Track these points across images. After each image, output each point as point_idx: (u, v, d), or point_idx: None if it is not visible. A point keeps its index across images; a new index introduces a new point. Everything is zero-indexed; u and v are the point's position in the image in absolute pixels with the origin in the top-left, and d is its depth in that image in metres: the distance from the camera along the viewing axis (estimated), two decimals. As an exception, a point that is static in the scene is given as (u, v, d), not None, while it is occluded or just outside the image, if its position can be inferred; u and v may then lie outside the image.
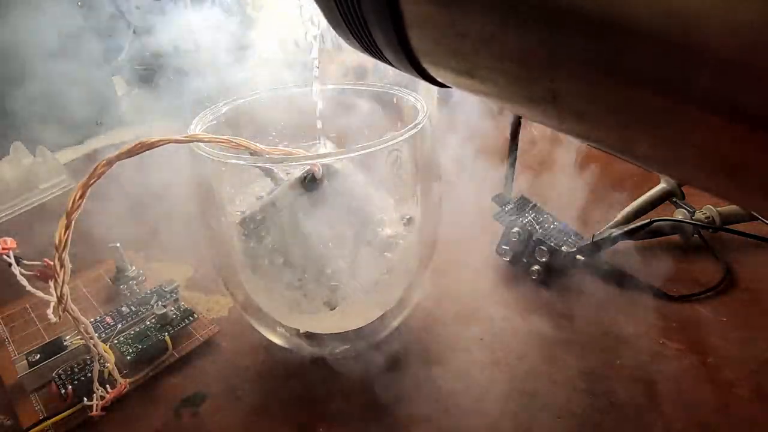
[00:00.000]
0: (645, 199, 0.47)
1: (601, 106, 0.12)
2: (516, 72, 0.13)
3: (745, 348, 0.34)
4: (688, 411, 0.30)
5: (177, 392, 0.34)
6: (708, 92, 0.09)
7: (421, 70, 0.19)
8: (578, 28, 0.11)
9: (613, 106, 0.11)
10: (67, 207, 0.25)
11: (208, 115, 0.33)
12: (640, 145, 0.12)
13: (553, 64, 0.12)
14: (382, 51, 0.19)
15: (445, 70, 0.17)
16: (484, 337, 0.37)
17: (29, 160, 0.61)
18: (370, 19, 0.17)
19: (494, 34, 0.13)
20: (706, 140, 0.10)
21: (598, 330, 0.37)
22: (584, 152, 0.63)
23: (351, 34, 0.19)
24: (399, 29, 0.16)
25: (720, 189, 0.12)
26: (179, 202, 0.49)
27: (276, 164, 0.29)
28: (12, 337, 0.39)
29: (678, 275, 0.42)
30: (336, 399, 0.32)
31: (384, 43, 0.18)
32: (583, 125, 0.13)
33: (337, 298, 0.31)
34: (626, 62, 0.10)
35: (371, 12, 0.17)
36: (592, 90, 0.11)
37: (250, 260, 0.31)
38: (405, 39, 0.17)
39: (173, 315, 0.38)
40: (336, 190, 0.29)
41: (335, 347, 0.36)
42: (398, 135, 0.28)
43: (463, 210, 0.51)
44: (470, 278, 0.44)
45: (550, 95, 0.13)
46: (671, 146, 0.11)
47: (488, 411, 0.31)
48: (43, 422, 0.31)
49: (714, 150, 0.10)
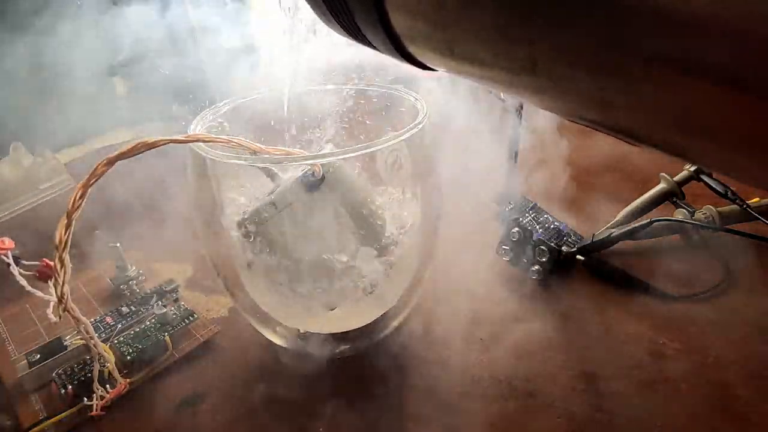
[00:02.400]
0: (645, 199, 0.47)
1: (579, 68, 0.12)
2: (495, 38, 0.13)
3: (745, 348, 0.34)
4: (688, 411, 0.30)
5: (177, 392, 0.34)
6: (687, 50, 0.09)
7: (402, 51, 0.18)
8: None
9: (591, 67, 0.11)
10: (67, 207, 0.25)
11: (208, 115, 0.33)
12: (619, 111, 0.12)
13: (531, 26, 0.12)
14: (363, 32, 0.19)
15: (426, 46, 0.17)
16: (484, 337, 0.37)
17: (29, 160, 0.61)
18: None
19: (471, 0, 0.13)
20: (686, 98, 0.10)
21: (598, 330, 0.37)
22: (584, 152, 0.63)
23: (331, 15, 0.19)
24: (379, 6, 0.16)
25: (698, 153, 0.12)
26: (179, 201, 0.49)
27: (276, 164, 0.29)
28: (12, 337, 0.39)
29: (678, 275, 0.41)
30: (336, 399, 0.32)
31: (364, 23, 0.18)
32: (563, 95, 0.13)
33: (337, 298, 0.31)
34: (603, 20, 0.10)
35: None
36: (570, 50, 0.11)
37: (249, 260, 0.31)
38: (385, 16, 0.17)
39: (173, 315, 0.38)
40: (336, 190, 0.29)
41: (335, 347, 0.36)
42: (398, 135, 0.28)
43: (463, 210, 0.51)
44: (470, 278, 0.44)
45: (529, 63, 0.13)
46: (649, 107, 0.11)
47: (488, 411, 0.31)
48: (43, 422, 0.31)
49: (692, 108, 0.10)
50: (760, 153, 0.10)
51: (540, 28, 0.12)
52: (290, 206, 0.29)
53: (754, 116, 0.09)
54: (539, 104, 0.16)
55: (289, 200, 0.28)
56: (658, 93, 0.10)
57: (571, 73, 0.12)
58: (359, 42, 0.21)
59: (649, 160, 0.57)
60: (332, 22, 0.20)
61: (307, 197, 0.28)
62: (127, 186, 0.52)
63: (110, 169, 0.25)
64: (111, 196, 0.50)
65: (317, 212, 0.29)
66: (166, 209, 0.50)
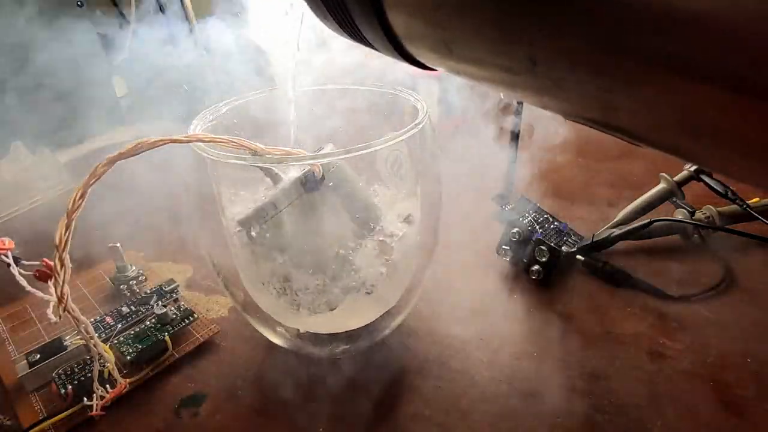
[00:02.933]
0: (645, 199, 0.47)
1: (579, 69, 0.12)
2: (493, 38, 0.13)
3: (745, 348, 0.34)
4: (688, 411, 0.30)
5: (177, 392, 0.34)
6: (687, 50, 0.09)
7: (401, 50, 0.18)
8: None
9: (591, 68, 0.11)
10: (67, 207, 0.25)
11: (208, 115, 0.33)
12: (619, 111, 0.12)
13: (531, 26, 0.12)
14: (361, 31, 0.19)
15: (424, 46, 0.17)
16: (484, 337, 0.37)
17: (29, 160, 0.61)
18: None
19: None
20: (686, 99, 0.10)
21: (598, 330, 0.37)
22: (584, 153, 0.63)
23: (330, 14, 0.19)
24: (377, 6, 0.16)
25: (698, 154, 0.12)
26: (179, 201, 0.49)
27: (276, 164, 0.29)
28: (12, 337, 0.39)
29: (678, 275, 0.42)
30: (336, 399, 0.32)
31: (363, 22, 0.18)
32: (563, 95, 0.13)
33: (337, 298, 0.31)
34: (603, 19, 0.10)
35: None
36: (570, 50, 0.11)
37: (249, 260, 0.31)
38: (383, 16, 0.17)
39: (173, 315, 0.38)
40: (336, 191, 0.29)
41: (335, 347, 0.36)
42: (398, 135, 0.28)
43: (463, 210, 0.51)
44: (470, 278, 0.44)
45: (529, 63, 0.12)
46: (650, 109, 0.11)
47: (488, 411, 0.31)
48: (43, 422, 0.31)
49: (694, 110, 0.10)
50: (761, 154, 0.10)
51: (539, 28, 0.12)
52: (290, 206, 0.29)
53: (755, 118, 0.09)
54: (539, 104, 0.16)
55: (289, 200, 0.28)
56: (659, 94, 0.10)
57: (571, 74, 0.12)
58: (359, 42, 0.21)
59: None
60: (331, 22, 0.20)
61: (307, 197, 0.28)
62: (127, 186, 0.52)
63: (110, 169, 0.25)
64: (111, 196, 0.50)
65: (317, 212, 0.29)
66: (167, 209, 0.50)
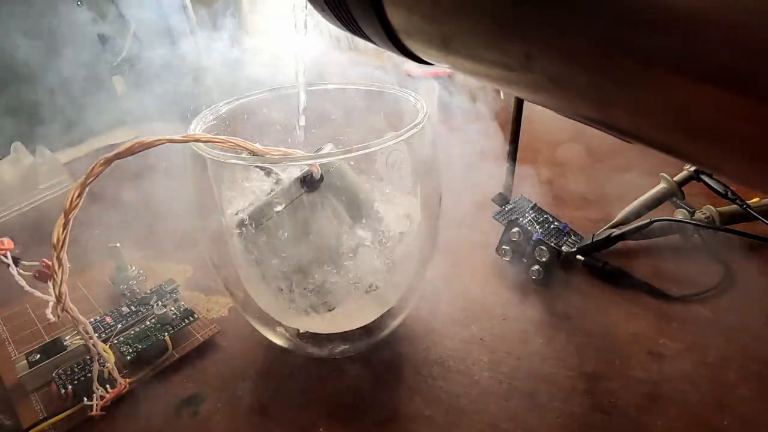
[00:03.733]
0: (645, 199, 0.47)
1: (575, 65, 0.12)
2: (489, 32, 0.13)
3: (745, 348, 0.34)
4: (688, 411, 0.30)
5: (177, 392, 0.34)
6: (685, 49, 0.09)
7: (399, 44, 0.18)
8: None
9: (587, 64, 0.11)
10: (65, 206, 0.25)
11: (207, 115, 0.33)
12: (616, 109, 0.12)
13: (525, 21, 0.12)
14: (360, 25, 0.19)
15: (422, 40, 0.17)
16: (484, 337, 0.37)
17: (29, 160, 0.61)
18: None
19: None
20: (683, 98, 0.10)
21: (598, 330, 0.37)
22: (584, 153, 0.63)
23: (329, 8, 0.19)
24: (375, 0, 0.16)
25: (696, 154, 0.12)
26: (179, 202, 0.49)
27: (276, 164, 0.29)
28: (12, 337, 0.39)
29: (678, 275, 0.41)
30: (336, 399, 0.32)
31: (361, 17, 0.18)
32: (560, 92, 0.13)
33: (337, 298, 0.31)
34: (598, 16, 0.10)
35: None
36: (565, 46, 0.11)
37: (249, 260, 0.31)
38: (381, 10, 0.17)
39: (173, 315, 0.38)
40: (335, 191, 0.29)
41: (335, 347, 0.36)
42: (398, 135, 0.28)
43: (463, 210, 0.51)
44: (470, 278, 0.44)
45: (524, 59, 0.12)
46: (645, 107, 0.11)
47: (488, 411, 0.31)
48: (43, 422, 0.31)
49: (690, 109, 0.10)
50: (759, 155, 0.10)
51: (534, 23, 0.12)
52: (290, 206, 0.29)
53: (753, 118, 0.09)
54: (536, 101, 0.16)
55: (289, 200, 0.28)
56: (654, 92, 0.10)
57: (565, 70, 0.12)
58: (357, 35, 0.21)
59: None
60: (330, 16, 0.20)
61: (306, 197, 0.28)
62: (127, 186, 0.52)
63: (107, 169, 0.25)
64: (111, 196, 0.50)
65: (317, 212, 0.29)
66: (166, 209, 0.50)
